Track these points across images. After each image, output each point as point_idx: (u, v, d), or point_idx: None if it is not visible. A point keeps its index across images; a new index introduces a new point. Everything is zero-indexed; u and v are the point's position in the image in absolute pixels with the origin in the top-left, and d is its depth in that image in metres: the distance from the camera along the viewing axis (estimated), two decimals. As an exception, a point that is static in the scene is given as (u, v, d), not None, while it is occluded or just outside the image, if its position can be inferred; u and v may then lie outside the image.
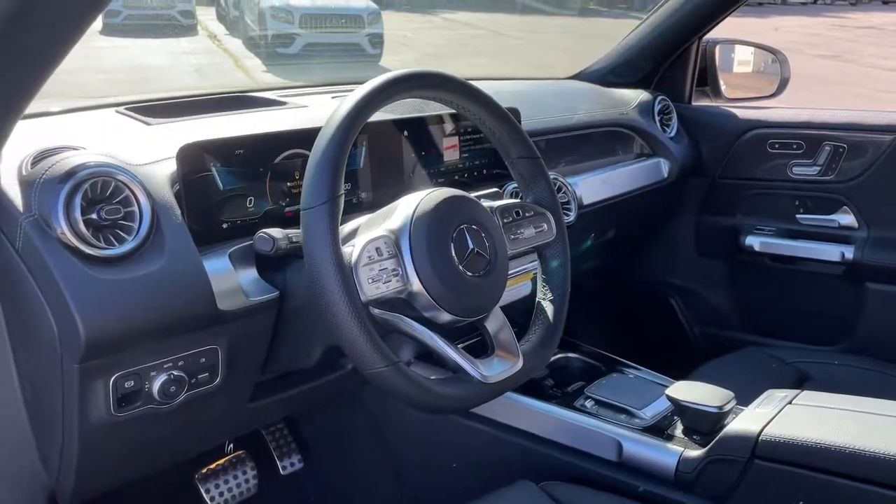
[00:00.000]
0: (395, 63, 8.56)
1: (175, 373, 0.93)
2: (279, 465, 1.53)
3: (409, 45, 10.38)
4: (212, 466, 1.44)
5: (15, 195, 0.87)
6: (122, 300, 0.86)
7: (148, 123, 1.14)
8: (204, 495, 1.40)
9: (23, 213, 0.85)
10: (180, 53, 9.02)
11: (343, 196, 0.85)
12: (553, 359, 1.45)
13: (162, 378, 0.92)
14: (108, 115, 1.20)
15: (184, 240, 0.92)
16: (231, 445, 1.48)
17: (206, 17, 11.15)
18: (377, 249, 0.87)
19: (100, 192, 0.88)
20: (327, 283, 0.81)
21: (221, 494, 1.42)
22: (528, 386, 1.31)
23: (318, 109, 1.30)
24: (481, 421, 1.32)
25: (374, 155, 1.19)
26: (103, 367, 0.88)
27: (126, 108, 1.21)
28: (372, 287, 0.86)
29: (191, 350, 0.95)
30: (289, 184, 1.09)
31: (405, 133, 1.25)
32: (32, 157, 0.91)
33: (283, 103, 1.33)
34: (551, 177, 1.12)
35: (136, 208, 0.89)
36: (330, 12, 9.10)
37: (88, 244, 0.85)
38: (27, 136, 0.94)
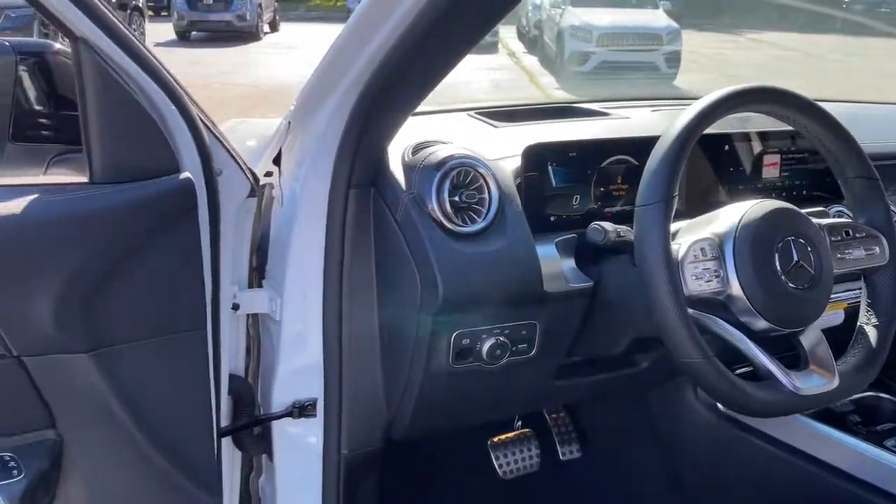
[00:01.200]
0: (690, 83, 8.31)
1: (501, 338, 1.08)
2: (559, 450, 1.64)
3: (708, 66, 9.99)
4: (502, 437, 1.59)
5: (399, 176, 1.08)
6: (472, 269, 1.02)
7: (495, 126, 1.32)
8: (493, 461, 1.56)
9: (405, 191, 1.05)
10: (482, 69, 9.69)
11: (677, 197, 0.93)
12: (861, 395, 1.37)
13: (491, 341, 1.08)
14: (462, 118, 1.41)
15: (522, 226, 1.07)
16: (520, 423, 1.62)
17: (507, 35, 11.83)
18: (702, 250, 0.93)
19: (462, 179, 1.05)
20: (656, 273, 0.89)
21: (508, 464, 1.57)
22: (831, 416, 1.26)
23: (641, 121, 1.39)
24: (773, 442, 1.30)
25: (693, 166, 1.24)
26: (449, 323, 1.05)
27: (476, 113, 1.41)
28: (695, 284, 0.92)
29: (515, 321, 1.09)
30: (611, 187, 1.19)
31: (726, 147, 1.28)
32: (412, 147, 1.12)
33: (607, 114, 1.44)
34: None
35: (486, 195, 1.06)
36: (629, 31, 9.13)
37: (451, 221, 1.03)
38: (404, 129, 1.16)
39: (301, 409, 1.13)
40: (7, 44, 0.88)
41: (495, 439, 1.59)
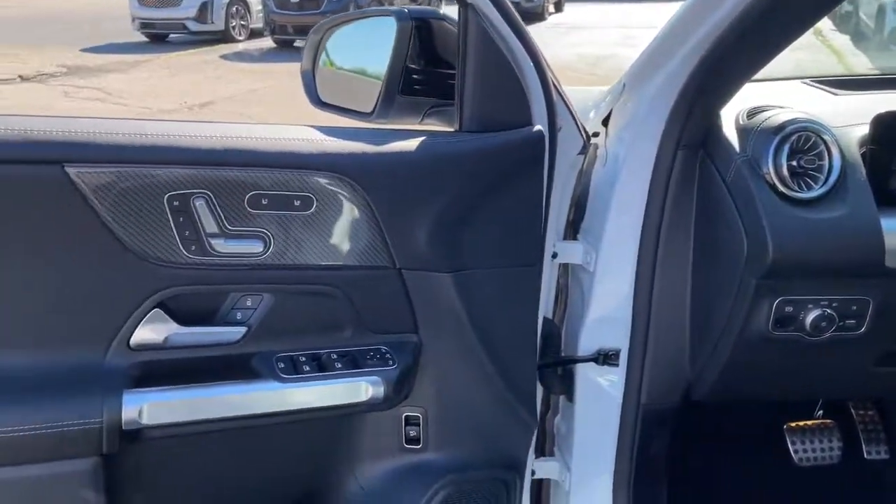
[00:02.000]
0: None
1: (828, 311, 1.05)
2: (864, 448, 1.53)
3: None
4: (800, 424, 1.53)
5: (732, 139, 1.09)
6: (805, 235, 1.01)
7: (835, 94, 1.27)
8: (789, 445, 1.51)
9: (738, 154, 1.07)
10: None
11: None
12: None
13: (816, 313, 1.05)
14: (796, 85, 1.36)
15: (865, 196, 1.03)
16: (821, 412, 1.54)
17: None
18: None
19: (801, 144, 1.04)
20: None
21: (805, 451, 1.51)
22: None
23: None
24: None
25: None
26: (774, 288, 1.05)
27: (812, 81, 1.36)
28: None
29: (846, 295, 1.05)
30: None
31: None
32: (747, 112, 1.12)
33: None
34: None
35: (826, 162, 1.03)
36: (974, 2, 7.78)
37: (787, 186, 1.03)
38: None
39: (605, 357, 1.20)
40: (406, 11, 1.05)
41: (793, 424, 1.53)
